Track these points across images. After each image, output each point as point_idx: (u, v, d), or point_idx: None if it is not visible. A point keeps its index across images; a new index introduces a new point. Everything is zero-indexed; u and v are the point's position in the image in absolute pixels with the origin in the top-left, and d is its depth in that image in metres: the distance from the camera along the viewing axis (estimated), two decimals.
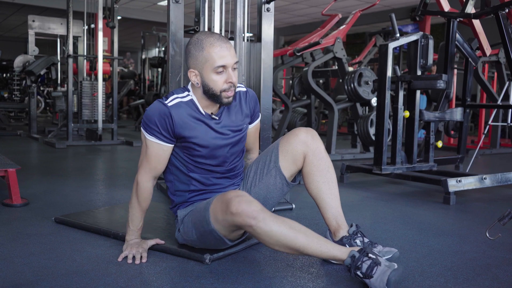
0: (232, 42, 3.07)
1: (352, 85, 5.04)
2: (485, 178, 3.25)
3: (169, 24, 2.83)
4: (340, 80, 8.38)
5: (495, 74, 7.03)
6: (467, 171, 4.20)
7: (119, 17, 5.85)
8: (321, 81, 8.08)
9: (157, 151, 1.80)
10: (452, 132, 6.40)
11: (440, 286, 1.64)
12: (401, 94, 3.31)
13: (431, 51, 3.33)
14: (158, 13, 12.06)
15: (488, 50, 4.17)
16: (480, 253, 2.03)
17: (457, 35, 3.87)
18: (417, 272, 1.78)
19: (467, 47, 4.05)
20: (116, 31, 5.86)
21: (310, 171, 1.89)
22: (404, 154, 3.44)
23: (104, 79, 6.13)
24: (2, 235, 2.12)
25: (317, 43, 4.76)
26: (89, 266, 1.76)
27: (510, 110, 4.56)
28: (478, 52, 4.30)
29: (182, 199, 1.91)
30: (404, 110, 3.34)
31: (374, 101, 5.42)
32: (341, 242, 1.85)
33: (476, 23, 4.00)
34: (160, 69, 9.16)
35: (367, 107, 5.91)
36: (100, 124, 5.87)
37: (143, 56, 10.21)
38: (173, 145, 1.82)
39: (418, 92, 3.37)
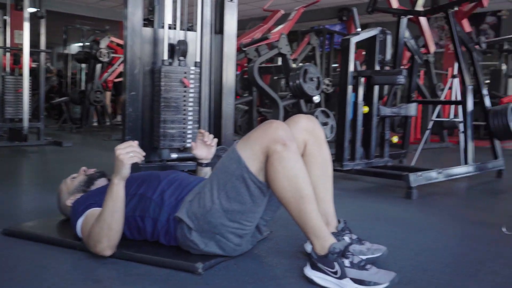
0: (190, 32, 2.89)
1: (297, 82, 4.99)
2: (440, 172, 3.32)
3: (126, 13, 2.59)
4: (275, 77, 8.39)
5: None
6: (412, 165, 4.29)
7: (37, 9, 5.36)
8: None
9: None
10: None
11: (448, 285, 1.59)
12: (361, 89, 3.29)
13: (389, 47, 3.34)
14: (81, 6, 11.39)
15: (432, 48, 4.29)
16: (468, 248, 2.02)
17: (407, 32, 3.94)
18: (419, 270, 1.72)
19: (414, 45, 4.14)
20: (44, 21, 5.39)
21: (309, 162, 1.76)
22: (362, 150, 3.43)
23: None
24: None
25: (265, 38, 4.66)
26: (63, 284, 1.51)
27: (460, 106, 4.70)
28: (422, 50, 4.42)
29: (167, 208, 1.75)
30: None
31: (316, 98, 5.43)
32: None
33: (423, 21, 4.10)
34: (85, 65, 8.64)
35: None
36: (25, 123, 5.36)
37: (66, 52, 9.58)
38: None
39: (376, 88, 3.36)
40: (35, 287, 1.49)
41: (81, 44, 9.79)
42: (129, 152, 1.64)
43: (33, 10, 5.31)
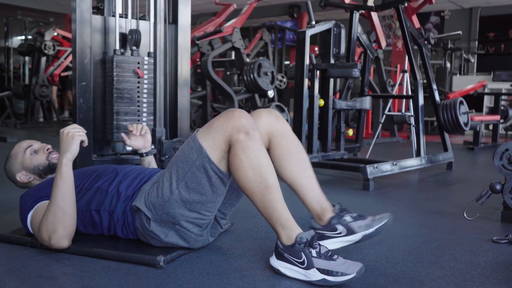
0: (143, 22, 2.79)
1: (252, 76, 4.97)
2: (395, 164, 3.38)
3: (74, 2, 2.47)
4: (228, 73, 8.34)
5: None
6: (367, 158, 4.36)
7: None
8: None
9: None
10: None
11: (412, 272, 1.60)
12: (316, 82, 3.30)
13: (343, 40, 3.37)
14: None
15: (383, 43, 4.37)
16: (425, 236, 2.05)
17: (359, 28, 3.99)
18: (383, 258, 1.72)
19: (366, 40, 4.20)
20: None
21: (281, 154, 1.71)
22: (318, 143, 3.44)
23: None
24: None
25: (219, 31, 4.59)
26: (14, 282, 1.41)
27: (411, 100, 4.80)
28: (374, 45, 4.49)
29: (122, 200, 1.68)
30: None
31: (270, 93, 5.42)
32: (330, 224, 1.70)
33: (375, 16, 4.16)
34: (27, 58, 8.27)
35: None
36: None
37: (7, 44, 9.13)
38: None
39: (332, 81, 3.38)
40: None
41: (23, 37, 9.38)
42: (78, 131, 1.65)
43: None
